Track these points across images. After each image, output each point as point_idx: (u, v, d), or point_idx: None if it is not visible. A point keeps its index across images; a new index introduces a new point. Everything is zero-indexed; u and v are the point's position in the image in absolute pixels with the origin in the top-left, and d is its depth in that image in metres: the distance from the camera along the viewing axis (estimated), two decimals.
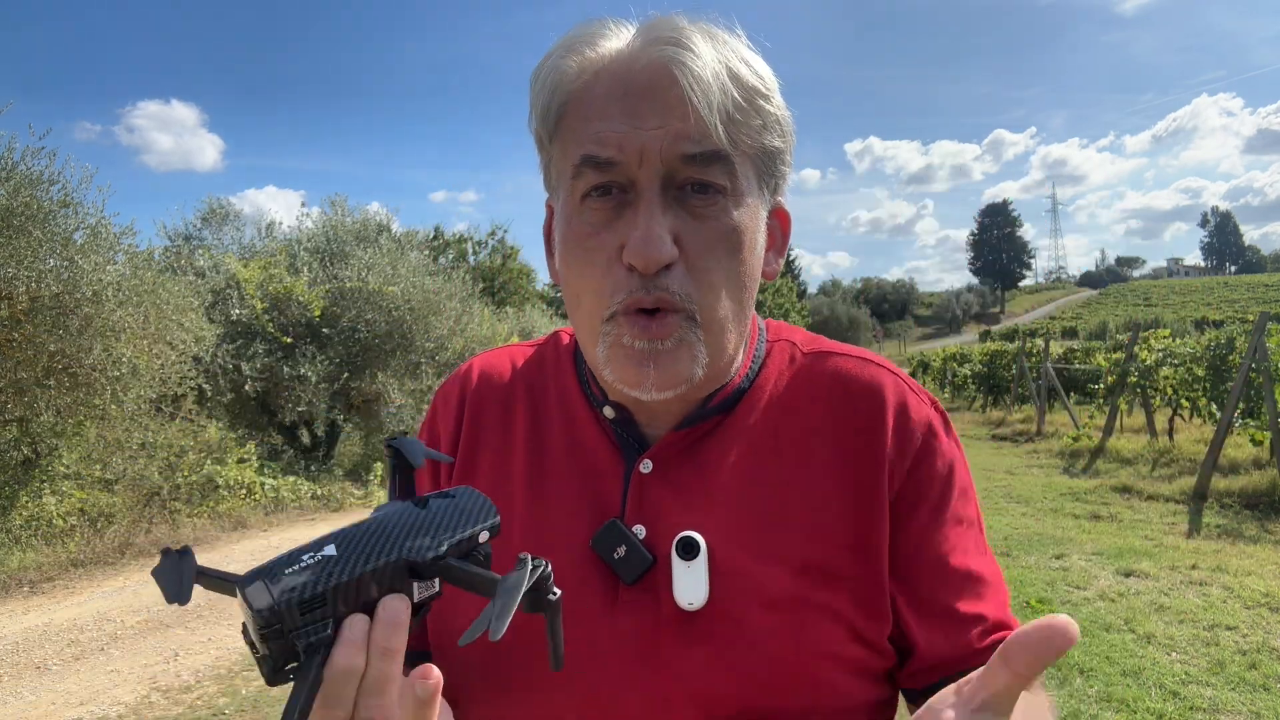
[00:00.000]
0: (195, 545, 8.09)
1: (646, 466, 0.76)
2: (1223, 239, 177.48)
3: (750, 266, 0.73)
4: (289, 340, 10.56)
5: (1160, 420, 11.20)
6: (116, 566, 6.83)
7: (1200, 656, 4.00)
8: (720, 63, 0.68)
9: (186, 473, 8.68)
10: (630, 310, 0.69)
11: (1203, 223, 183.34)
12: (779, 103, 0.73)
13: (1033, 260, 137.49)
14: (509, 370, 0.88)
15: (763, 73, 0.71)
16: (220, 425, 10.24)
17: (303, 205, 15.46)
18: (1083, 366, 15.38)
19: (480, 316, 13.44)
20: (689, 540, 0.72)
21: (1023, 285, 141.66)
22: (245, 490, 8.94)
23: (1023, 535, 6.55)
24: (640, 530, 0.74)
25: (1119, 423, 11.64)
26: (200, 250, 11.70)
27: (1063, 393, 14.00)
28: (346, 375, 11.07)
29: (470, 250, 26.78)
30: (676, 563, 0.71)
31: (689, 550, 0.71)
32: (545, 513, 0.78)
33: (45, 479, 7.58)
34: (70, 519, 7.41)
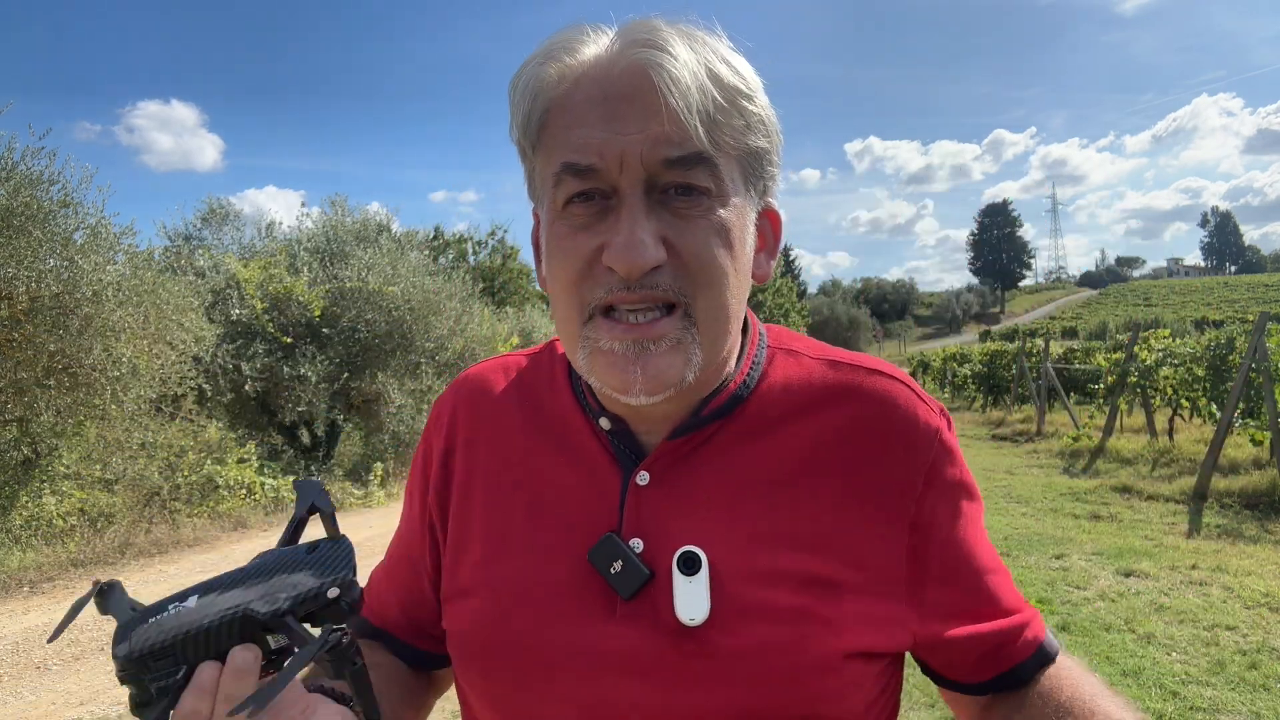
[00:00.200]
0: (195, 545, 8.02)
1: (643, 478, 0.75)
2: (1223, 239, 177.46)
3: (743, 265, 0.72)
4: (289, 340, 10.56)
5: (1160, 420, 11.20)
6: (116, 566, 6.83)
7: (1200, 656, 4.00)
8: (699, 64, 0.67)
9: (186, 473, 8.68)
10: (610, 307, 0.68)
11: (1203, 223, 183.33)
12: (763, 102, 0.71)
13: (1033, 260, 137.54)
14: (503, 381, 0.87)
15: (744, 72, 0.70)
16: (220, 425, 10.24)
17: (303, 205, 15.48)
18: (1083, 366, 15.38)
19: (480, 316, 13.43)
20: (690, 555, 0.71)
21: (1023, 285, 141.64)
22: (245, 490, 8.94)
23: (1023, 535, 6.55)
24: (637, 544, 0.73)
25: (1119, 423, 11.64)
26: (200, 250, 11.70)
27: (1063, 393, 14.00)
28: (346, 375, 11.06)
29: (470, 250, 26.79)
30: (678, 578, 0.70)
31: (690, 565, 0.70)
32: (543, 526, 0.77)
33: (45, 479, 7.58)
34: (70, 519, 7.42)
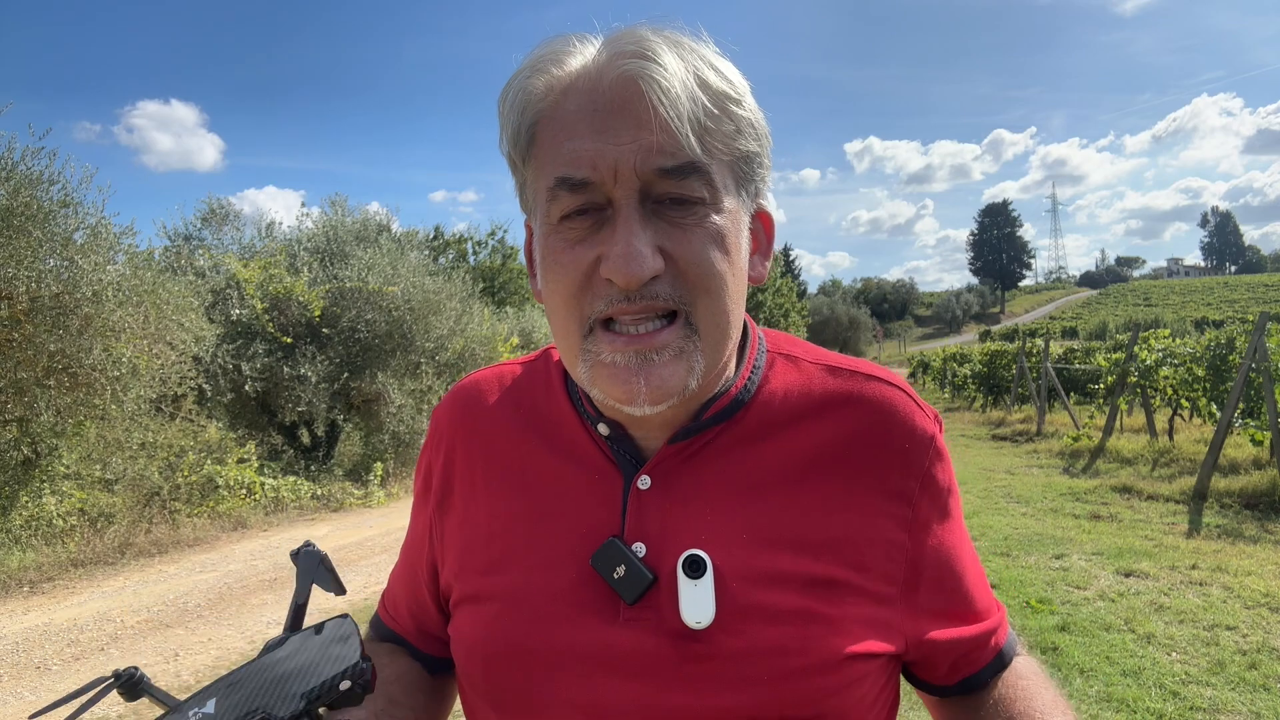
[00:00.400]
0: (195, 545, 8.01)
1: (644, 482, 0.75)
2: (1223, 239, 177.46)
3: (739, 270, 0.73)
4: (289, 340, 10.56)
5: (1160, 420, 11.20)
6: (116, 566, 6.83)
7: (1200, 656, 4.00)
8: (688, 71, 0.67)
9: (186, 473, 8.68)
10: (612, 319, 0.68)
11: (1203, 223, 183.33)
12: (751, 105, 0.71)
13: (1033, 260, 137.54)
14: (498, 390, 0.88)
15: (732, 77, 0.70)
16: (220, 425, 10.24)
17: (303, 205, 15.41)
18: (1083, 366, 15.38)
19: (480, 316, 13.42)
20: (696, 558, 0.71)
21: (1023, 285, 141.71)
22: (245, 490, 8.94)
23: (1023, 535, 6.54)
24: (640, 548, 0.73)
25: (1119, 423, 11.64)
26: (200, 250, 11.70)
27: (1063, 393, 14.00)
28: (346, 375, 11.06)
29: (470, 250, 26.78)
30: (683, 581, 0.70)
31: (695, 569, 0.70)
32: (545, 532, 0.77)
33: (45, 479, 7.58)
34: (70, 519, 7.42)
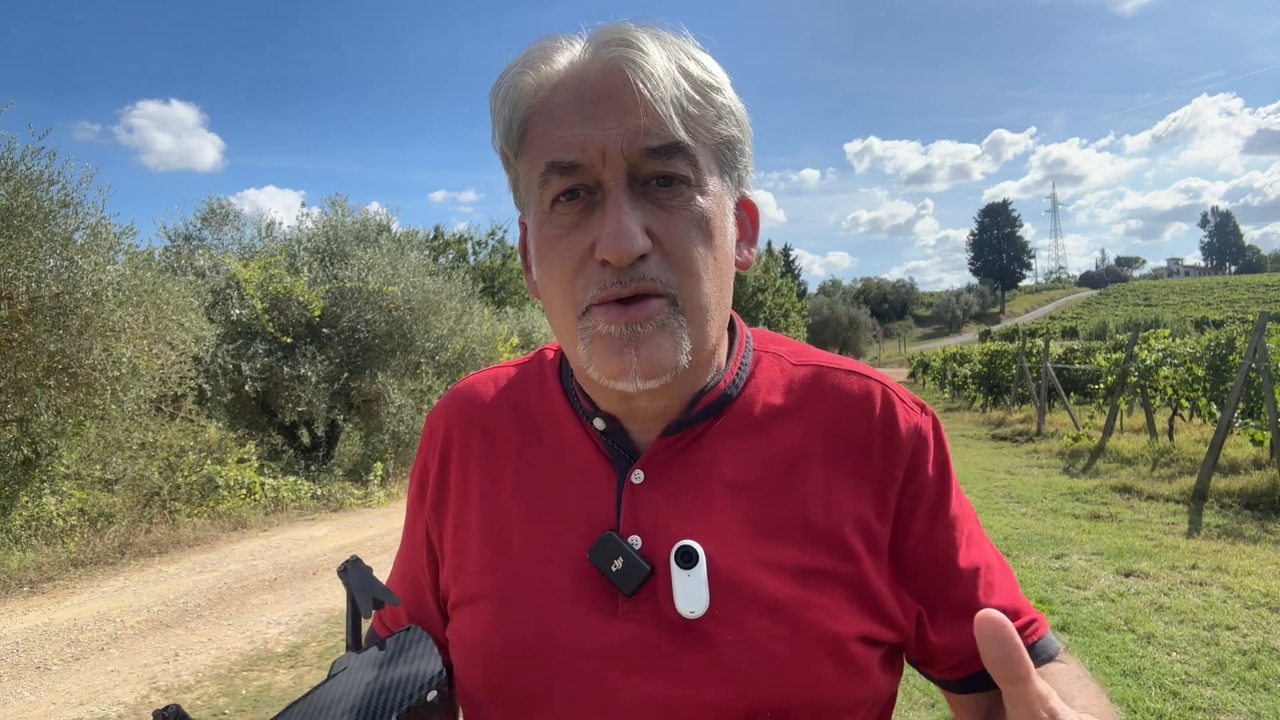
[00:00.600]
0: (195, 545, 8.02)
1: (638, 477, 0.77)
2: (1223, 239, 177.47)
3: (724, 253, 0.75)
4: (289, 340, 10.56)
5: (1160, 420, 11.20)
6: (116, 566, 6.83)
7: (1200, 656, 4.00)
8: (670, 60, 0.70)
9: (186, 473, 8.68)
10: (606, 301, 0.70)
11: (1203, 223, 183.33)
12: (731, 95, 0.74)
13: (1033, 260, 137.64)
14: (492, 392, 0.89)
15: (711, 68, 0.73)
16: (220, 425, 10.24)
17: (303, 205, 15.39)
18: (1083, 366, 15.38)
19: (480, 316, 13.42)
20: (688, 549, 0.72)
21: (1023, 285, 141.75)
22: (245, 490, 8.94)
23: (1023, 535, 6.54)
24: (636, 541, 0.74)
25: (1119, 423, 11.64)
26: (200, 250, 11.70)
27: (1063, 393, 13.99)
28: (346, 375, 11.06)
29: (470, 250, 26.72)
30: (676, 572, 0.72)
31: (688, 559, 0.72)
32: (541, 529, 0.78)
33: (45, 479, 7.58)
34: (70, 519, 7.42)
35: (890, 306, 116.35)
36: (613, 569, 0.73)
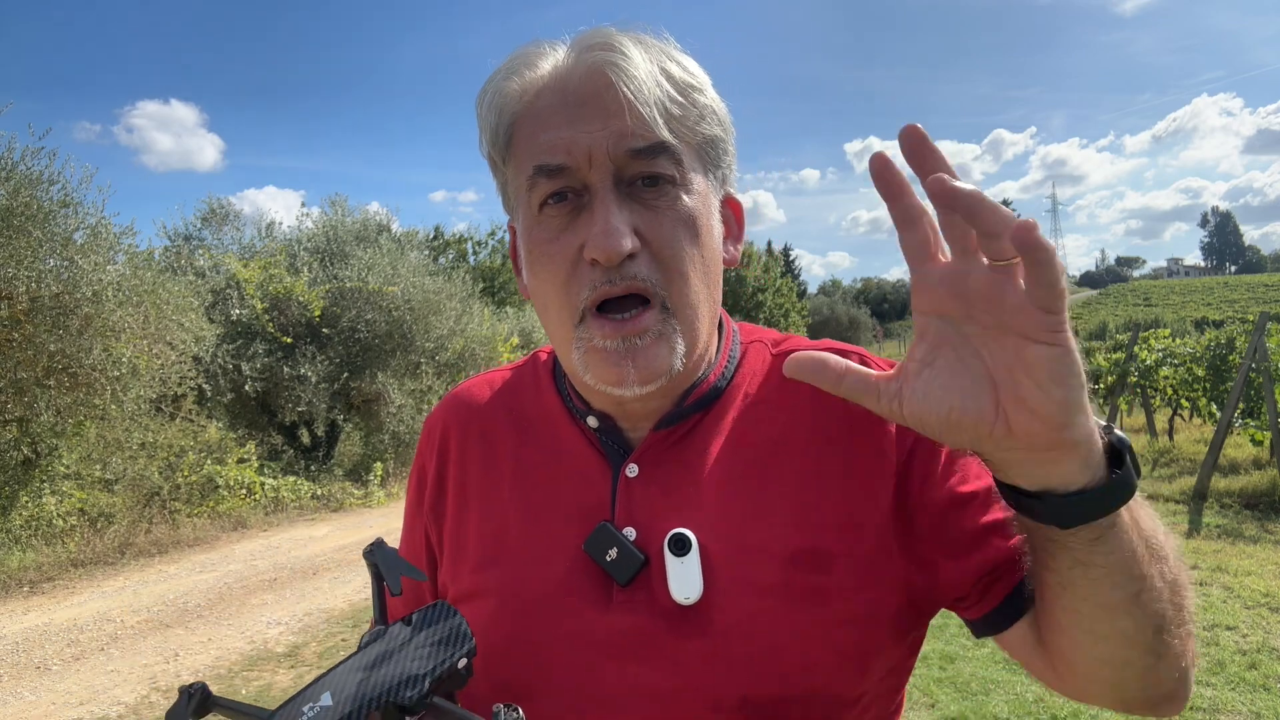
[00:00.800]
0: (195, 545, 8.02)
1: (632, 470, 0.78)
2: (1223, 239, 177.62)
3: (711, 251, 0.76)
4: (289, 340, 10.56)
5: (1160, 420, 11.20)
6: (116, 566, 6.83)
7: (1200, 656, 3.99)
8: (652, 63, 0.71)
9: (186, 473, 8.68)
10: (602, 302, 0.71)
11: (1203, 223, 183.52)
12: (713, 95, 0.75)
13: None
14: (488, 395, 0.91)
15: (692, 69, 0.74)
16: (220, 425, 10.25)
17: (303, 205, 15.41)
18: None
19: (480, 316, 13.42)
20: (680, 537, 0.73)
21: None
22: (245, 490, 8.94)
23: None
24: (631, 532, 0.75)
25: (1119, 423, 11.63)
26: (200, 250, 11.71)
27: None
28: (346, 375, 11.06)
29: (470, 250, 26.73)
30: (670, 559, 0.72)
31: (681, 546, 0.73)
32: (538, 523, 0.80)
33: (45, 479, 7.58)
34: (70, 519, 7.42)
35: (890, 306, 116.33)
36: (607, 559, 0.74)
